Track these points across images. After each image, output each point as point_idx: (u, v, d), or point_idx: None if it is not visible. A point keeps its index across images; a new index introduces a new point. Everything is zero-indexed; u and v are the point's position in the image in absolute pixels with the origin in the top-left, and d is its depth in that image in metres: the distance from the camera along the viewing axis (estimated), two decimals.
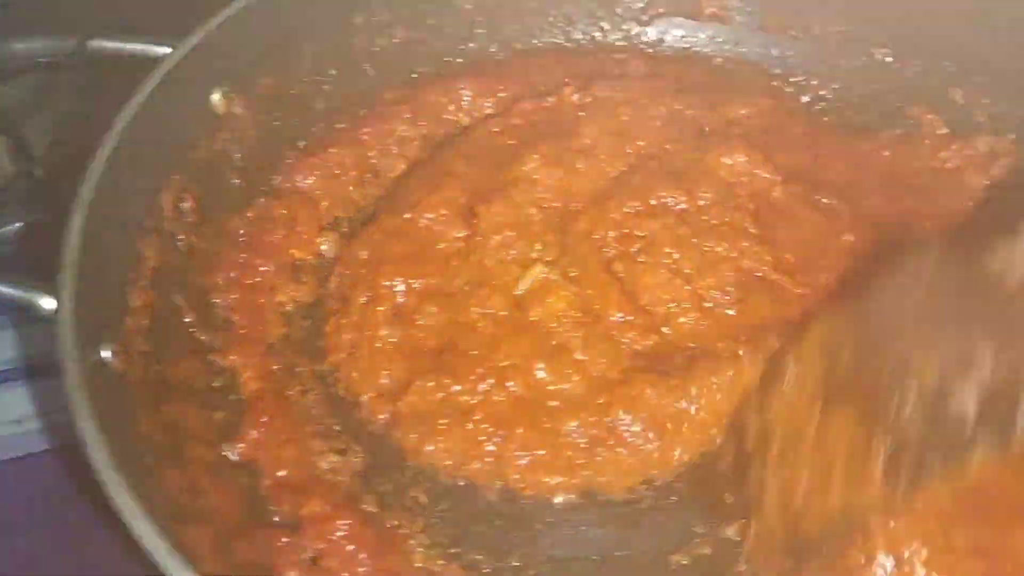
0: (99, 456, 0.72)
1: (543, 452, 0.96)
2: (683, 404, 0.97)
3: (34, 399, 1.14)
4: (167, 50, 1.06)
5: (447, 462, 0.97)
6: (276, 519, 0.90)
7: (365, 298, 1.07)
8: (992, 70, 1.16)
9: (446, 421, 0.98)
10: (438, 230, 1.11)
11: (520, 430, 0.96)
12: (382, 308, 1.05)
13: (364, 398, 1.03)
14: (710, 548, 0.91)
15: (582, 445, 0.96)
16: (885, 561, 0.75)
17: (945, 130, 1.20)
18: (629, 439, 0.96)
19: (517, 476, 0.96)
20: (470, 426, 0.97)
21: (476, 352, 1.01)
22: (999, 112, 1.16)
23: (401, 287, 1.07)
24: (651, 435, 0.97)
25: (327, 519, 0.89)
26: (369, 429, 1.00)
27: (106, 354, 0.86)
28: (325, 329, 1.08)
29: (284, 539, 0.87)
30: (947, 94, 1.20)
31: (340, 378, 1.04)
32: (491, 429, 0.97)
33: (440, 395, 0.99)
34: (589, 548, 0.92)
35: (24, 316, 1.10)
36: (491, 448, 0.96)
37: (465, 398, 0.98)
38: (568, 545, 0.92)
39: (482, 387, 0.99)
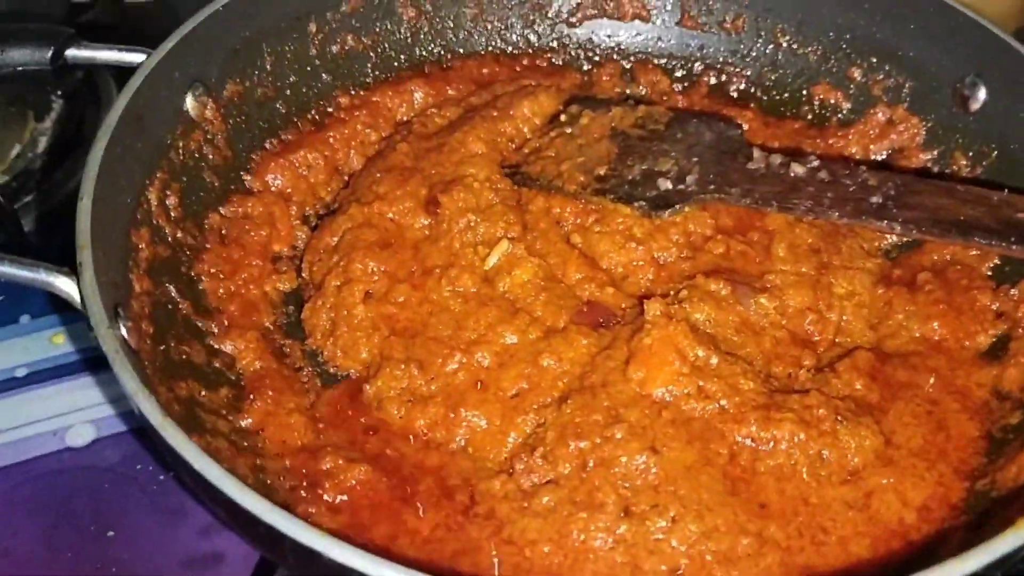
0: (147, 405, 0.77)
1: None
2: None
3: None
4: (142, 57, 1.11)
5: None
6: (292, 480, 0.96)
7: (338, 282, 1.13)
8: (883, 49, 1.32)
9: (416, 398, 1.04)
10: (405, 221, 1.19)
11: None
12: (356, 290, 1.11)
13: (352, 373, 1.09)
14: None
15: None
16: None
17: (848, 105, 1.35)
18: None
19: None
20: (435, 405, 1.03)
21: (448, 332, 1.08)
22: (891, 85, 1.32)
23: (372, 271, 1.13)
24: None
25: (340, 471, 0.95)
26: None
27: (123, 331, 0.90)
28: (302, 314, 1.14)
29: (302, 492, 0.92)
30: (847, 73, 1.35)
31: (328, 357, 1.11)
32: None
33: (406, 382, 1.05)
34: None
35: None
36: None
37: (432, 382, 1.04)
38: None
39: (451, 366, 1.04)
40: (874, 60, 1.33)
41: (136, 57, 1.12)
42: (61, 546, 1.09)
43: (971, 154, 1.23)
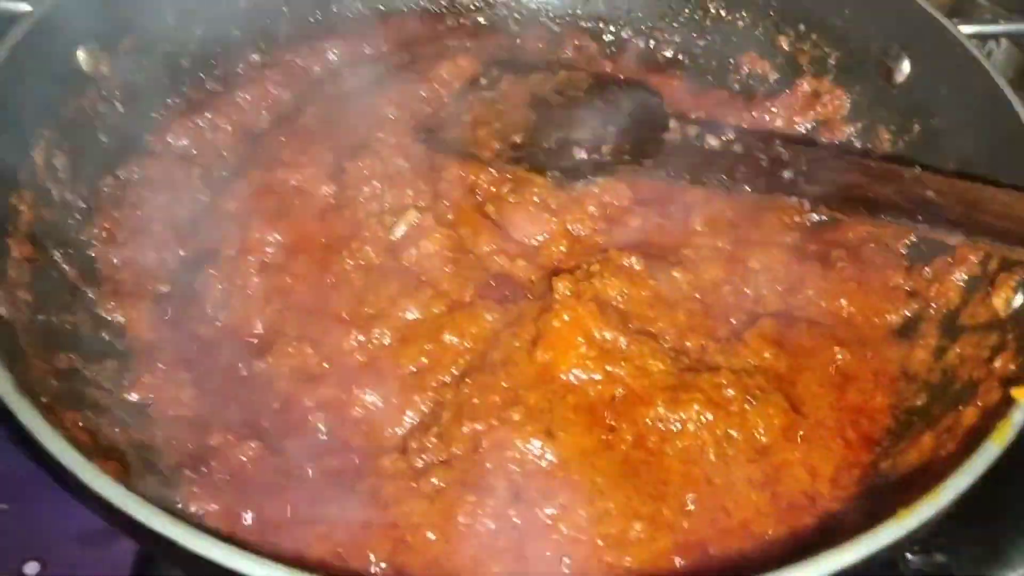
0: (4, 385, 0.72)
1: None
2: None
3: None
4: (27, 7, 1.05)
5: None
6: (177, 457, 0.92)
7: (232, 251, 1.08)
8: (810, 18, 1.29)
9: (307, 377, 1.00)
10: (308, 188, 1.14)
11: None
12: (251, 259, 1.07)
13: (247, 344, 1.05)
14: None
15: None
16: None
17: (775, 75, 1.32)
18: None
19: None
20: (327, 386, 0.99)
21: (347, 308, 1.03)
22: (818, 56, 1.29)
23: (270, 241, 1.08)
24: None
25: (228, 447, 0.91)
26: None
27: None
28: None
29: (188, 472, 0.89)
30: (774, 42, 1.33)
31: (222, 326, 1.06)
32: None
33: (298, 360, 1.00)
34: None
35: None
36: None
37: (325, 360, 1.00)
38: None
39: (348, 344, 1.00)
40: (801, 28, 1.30)
41: (19, 6, 1.05)
42: None
43: (894, 128, 1.21)
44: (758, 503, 0.93)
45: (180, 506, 0.87)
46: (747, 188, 1.02)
